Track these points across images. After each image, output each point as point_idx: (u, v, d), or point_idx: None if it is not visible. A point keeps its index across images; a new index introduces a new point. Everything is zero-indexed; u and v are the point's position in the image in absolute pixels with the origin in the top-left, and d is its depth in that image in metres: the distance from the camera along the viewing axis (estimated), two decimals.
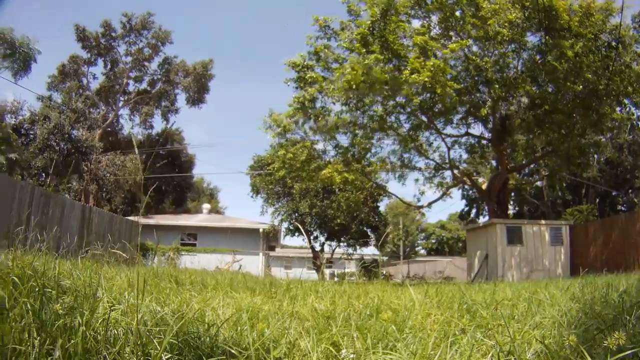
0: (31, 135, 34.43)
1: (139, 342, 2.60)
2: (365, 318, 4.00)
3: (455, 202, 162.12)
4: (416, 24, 23.37)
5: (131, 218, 28.70)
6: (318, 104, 24.05)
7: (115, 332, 2.82)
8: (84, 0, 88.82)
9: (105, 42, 52.52)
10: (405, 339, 3.15)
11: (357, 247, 41.08)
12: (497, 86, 21.51)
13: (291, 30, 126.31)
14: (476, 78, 22.63)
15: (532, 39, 22.46)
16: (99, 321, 2.86)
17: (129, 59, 54.23)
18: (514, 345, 2.85)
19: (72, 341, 2.53)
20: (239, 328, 3.53)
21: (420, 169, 28.47)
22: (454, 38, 22.43)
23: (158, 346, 2.58)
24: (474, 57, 22.21)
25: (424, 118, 24.43)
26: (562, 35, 20.24)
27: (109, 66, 54.09)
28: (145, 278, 3.13)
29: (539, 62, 21.77)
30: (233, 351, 2.71)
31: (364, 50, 20.99)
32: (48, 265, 4.13)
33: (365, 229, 40.36)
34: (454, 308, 4.96)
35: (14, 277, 3.12)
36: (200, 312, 4.02)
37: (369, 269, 27.94)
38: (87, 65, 53.25)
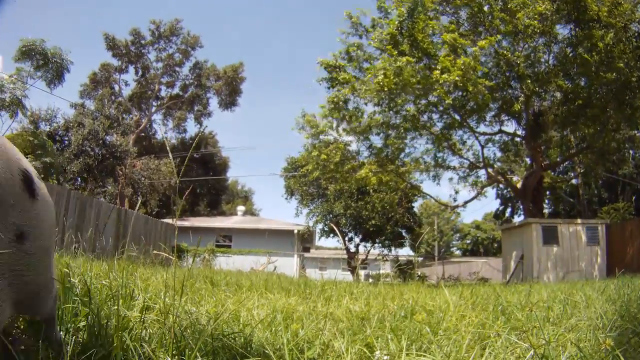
0: (66, 142, 35.19)
1: (173, 342, 2.62)
2: (400, 319, 3.98)
3: (490, 202, 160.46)
4: (445, 20, 23.25)
5: (166, 220, 29.09)
6: (351, 105, 24.05)
7: (151, 331, 2.85)
8: (111, 10, 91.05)
9: (135, 50, 53.54)
10: (439, 341, 3.11)
11: (392, 248, 40.87)
12: (529, 81, 21.17)
13: (323, 29, 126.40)
14: (508, 74, 22.32)
15: (562, 31, 22.08)
16: (135, 320, 2.89)
17: (160, 64, 55.22)
18: (549, 348, 2.80)
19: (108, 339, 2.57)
20: (273, 328, 3.54)
21: (454, 168, 28.16)
22: (483, 34, 22.15)
23: (193, 345, 2.60)
24: (504, 53, 21.92)
25: (456, 116, 24.18)
26: (592, 26, 19.79)
27: (140, 73, 55.09)
28: (180, 279, 3.16)
29: (570, 54, 21.34)
30: (267, 351, 2.72)
31: (395, 51, 20.92)
32: (84, 266, 4.20)
33: (400, 229, 40.11)
34: (488, 310, 4.89)
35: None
36: (235, 312, 4.04)
37: (403, 270, 27.82)
38: (118, 72, 54.39)
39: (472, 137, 26.63)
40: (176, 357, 2.58)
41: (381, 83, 20.20)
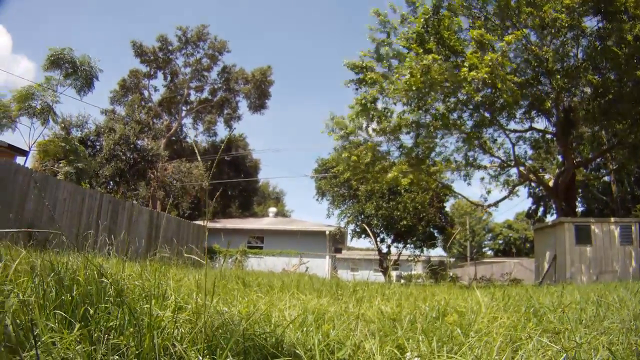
0: (97, 147, 35.83)
1: (205, 341, 2.65)
2: (431, 321, 3.96)
3: (522, 201, 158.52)
4: (472, 16, 23.03)
5: (198, 222, 29.37)
6: (379, 104, 23.98)
7: (183, 330, 2.89)
8: (138, 17, 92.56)
9: (163, 56, 54.40)
10: (471, 342, 3.09)
11: (424, 248, 40.62)
12: (558, 77, 20.86)
13: (349, 29, 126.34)
14: (537, 69, 22.02)
15: (589, 24, 21.67)
16: (167, 320, 2.93)
17: (188, 70, 55.94)
18: (580, 351, 2.76)
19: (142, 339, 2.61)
20: (304, 329, 3.55)
21: (485, 167, 27.86)
22: (510, 29, 21.88)
23: (224, 345, 2.63)
24: (533, 47, 21.62)
25: (486, 114, 23.92)
26: (620, 19, 19.44)
27: (169, 78, 55.98)
28: (213, 280, 3.19)
29: (599, 48, 20.94)
30: (298, 351, 2.73)
31: (421, 49, 20.81)
32: (117, 267, 4.27)
33: (431, 230, 39.86)
34: (520, 311, 4.84)
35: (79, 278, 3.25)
36: (267, 313, 4.07)
37: (435, 271, 27.63)
38: (147, 78, 55.35)
39: (502, 134, 26.36)
40: (207, 356, 2.61)
41: (409, 82, 20.13)
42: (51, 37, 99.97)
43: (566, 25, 20.62)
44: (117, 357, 2.48)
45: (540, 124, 26.25)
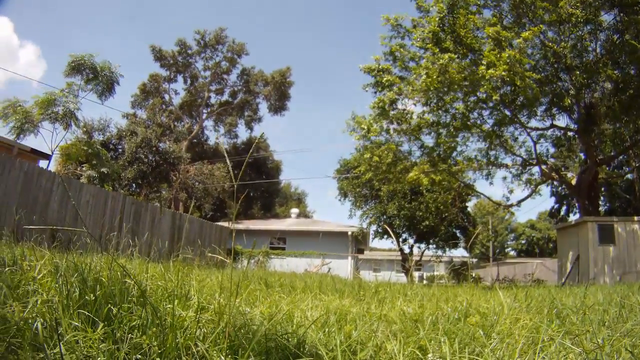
0: (120, 150, 36.27)
1: (227, 341, 2.66)
2: (453, 322, 3.94)
3: (545, 200, 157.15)
4: (487, 13, 22.89)
5: (220, 224, 29.54)
6: (399, 105, 23.86)
7: (205, 330, 2.90)
8: (156, 21, 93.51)
9: (182, 60, 55.03)
10: (493, 344, 3.07)
11: (446, 249, 40.36)
12: (577, 72, 20.59)
13: (366, 30, 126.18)
14: (556, 65, 21.76)
15: (606, 17, 21.35)
16: (190, 320, 2.95)
17: (208, 73, 56.43)
18: (602, 353, 2.73)
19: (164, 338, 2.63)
20: (326, 330, 3.55)
21: (507, 166, 27.60)
22: (527, 25, 21.65)
23: (246, 345, 2.64)
24: (550, 44, 21.35)
25: (507, 112, 23.70)
26: (636, 11, 19.16)
27: (189, 81, 56.56)
28: (235, 280, 3.21)
29: (618, 42, 20.62)
30: (320, 352, 2.73)
31: (437, 49, 20.70)
32: (140, 268, 4.30)
33: (454, 230, 39.61)
34: (543, 313, 4.79)
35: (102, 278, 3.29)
36: (289, 313, 4.07)
37: (458, 272, 27.43)
38: (167, 82, 56.05)
39: (523, 133, 26.03)
40: (229, 356, 2.62)
41: (426, 83, 20.03)
42: (72, 46, 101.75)
43: (582, 20, 20.37)
44: (139, 356, 2.50)
45: (562, 121, 25.98)
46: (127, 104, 57.86)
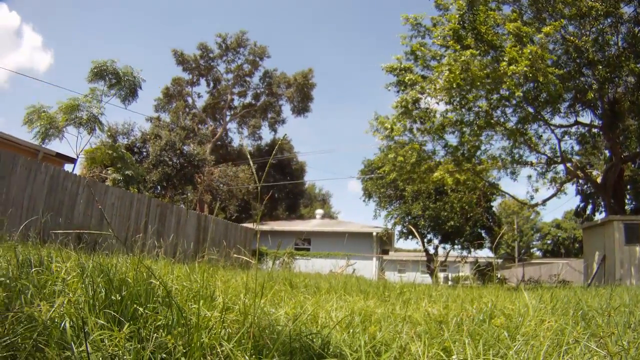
0: (144, 153, 36.70)
1: (252, 341, 2.68)
2: (478, 323, 3.91)
3: (570, 199, 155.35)
4: (507, 9, 22.64)
5: (245, 225, 29.70)
6: (422, 104, 23.71)
7: (230, 330, 2.92)
8: (176, 26, 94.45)
9: (204, 63, 55.52)
10: (517, 346, 3.04)
11: (472, 249, 40.01)
12: (600, 67, 20.28)
13: (386, 29, 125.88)
14: (578, 60, 21.41)
15: (627, 10, 20.91)
16: (215, 320, 2.97)
17: (230, 76, 56.85)
18: (627, 356, 2.69)
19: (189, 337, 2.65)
20: (351, 330, 3.55)
21: (531, 164, 27.27)
22: (547, 20, 21.37)
23: (271, 345, 2.65)
24: (571, 38, 21.06)
25: (530, 109, 23.41)
26: None
27: (211, 85, 57.06)
28: (260, 281, 3.23)
29: (639, 34, 20.28)
30: (344, 352, 2.73)
31: (458, 46, 20.56)
32: (166, 269, 4.35)
33: (479, 230, 39.25)
34: (568, 314, 4.74)
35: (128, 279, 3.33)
36: (314, 314, 4.08)
37: (483, 273, 27.18)
38: (190, 85, 56.61)
39: (547, 130, 25.65)
40: (254, 356, 2.64)
41: (448, 79, 19.91)
42: (95, 52, 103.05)
43: (603, 12, 20.07)
44: (164, 355, 2.53)
45: (586, 117, 25.45)
46: (150, 108, 58.58)
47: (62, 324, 2.63)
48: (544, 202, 28.23)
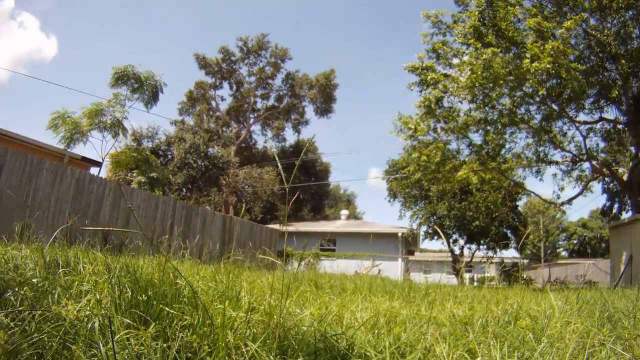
0: (169, 156, 37.08)
1: (277, 342, 2.69)
2: (503, 325, 3.89)
3: (597, 197, 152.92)
4: (527, 4, 22.34)
5: (270, 226, 29.81)
6: (445, 103, 23.56)
7: (255, 331, 2.94)
8: (197, 30, 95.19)
9: (226, 66, 56.00)
10: (542, 348, 3.02)
11: (497, 249, 39.63)
12: (623, 61, 19.91)
13: (407, 28, 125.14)
14: (601, 55, 21.07)
15: None
16: (240, 320, 2.99)
17: (253, 78, 57.18)
18: None
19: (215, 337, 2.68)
20: (376, 331, 3.55)
21: (557, 162, 26.90)
22: (568, 14, 21.06)
23: (295, 346, 2.66)
24: (593, 32, 20.70)
25: (554, 106, 23.11)
26: None
27: (234, 87, 57.49)
28: (285, 282, 3.25)
29: None
30: (368, 353, 2.73)
31: (479, 44, 20.38)
32: (192, 269, 4.39)
33: (504, 230, 38.86)
34: (594, 316, 4.68)
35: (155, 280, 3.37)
36: (339, 315, 4.09)
37: (509, 273, 26.90)
38: (213, 89, 57.14)
39: (572, 127, 25.27)
40: (279, 356, 2.65)
41: (471, 79, 19.77)
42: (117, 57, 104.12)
43: (624, 5, 19.71)
44: (190, 354, 2.56)
45: (610, 113, 24.93)
46: (173, 111, 59.19)
47: (90, 324, 2.68)
48: (570, 200, 27.86)
